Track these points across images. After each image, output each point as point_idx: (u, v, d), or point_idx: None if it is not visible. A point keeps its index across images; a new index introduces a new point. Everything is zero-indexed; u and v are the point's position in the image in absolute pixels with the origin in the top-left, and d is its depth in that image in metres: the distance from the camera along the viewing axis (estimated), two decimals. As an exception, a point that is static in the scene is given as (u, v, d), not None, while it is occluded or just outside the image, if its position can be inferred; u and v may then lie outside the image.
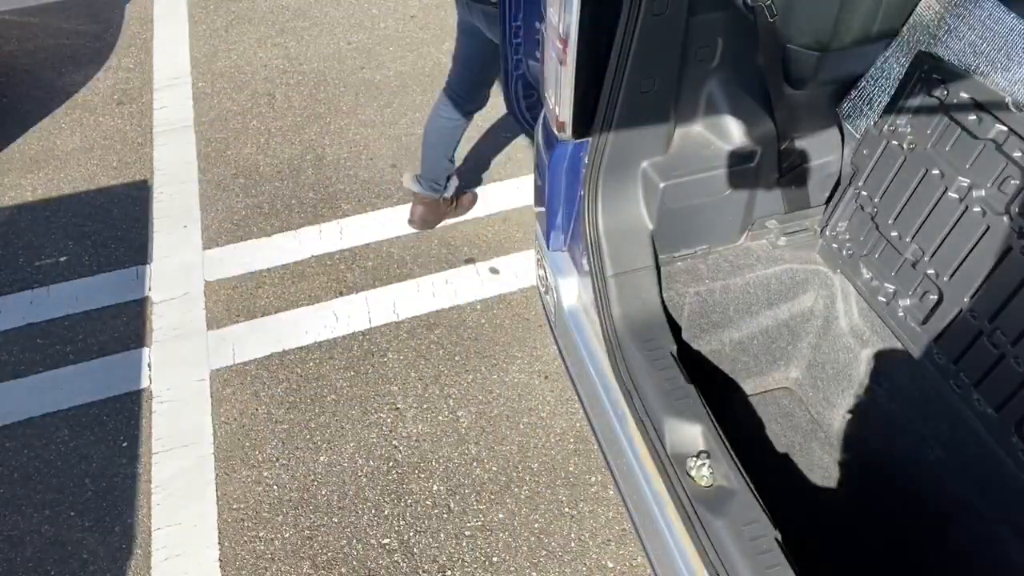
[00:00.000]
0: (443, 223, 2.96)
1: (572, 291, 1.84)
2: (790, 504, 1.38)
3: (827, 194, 1.85)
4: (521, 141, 3.31)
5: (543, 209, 1.87)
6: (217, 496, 2.18)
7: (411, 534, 2.08)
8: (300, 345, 2.55)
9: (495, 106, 3.47)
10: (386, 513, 2.13)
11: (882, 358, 1.68)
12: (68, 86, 3.67)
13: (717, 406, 1.48)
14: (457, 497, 2.15)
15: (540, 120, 1.86)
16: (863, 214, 1.71)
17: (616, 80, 1.54)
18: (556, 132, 1.70)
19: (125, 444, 2.30)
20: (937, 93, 1.52)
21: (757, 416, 1.99)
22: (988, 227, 1.42)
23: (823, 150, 1.80)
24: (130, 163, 3.27)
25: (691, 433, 1.42)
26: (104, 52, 3.89)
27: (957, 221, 1.49)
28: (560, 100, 1.60)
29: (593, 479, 2.21)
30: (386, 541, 2.07)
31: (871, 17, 1.60)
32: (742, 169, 1.70)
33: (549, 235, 1.87)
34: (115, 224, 3.00)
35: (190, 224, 2.99)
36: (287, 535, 2.10)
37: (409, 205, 2.93)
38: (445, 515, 2.12)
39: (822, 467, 1.88)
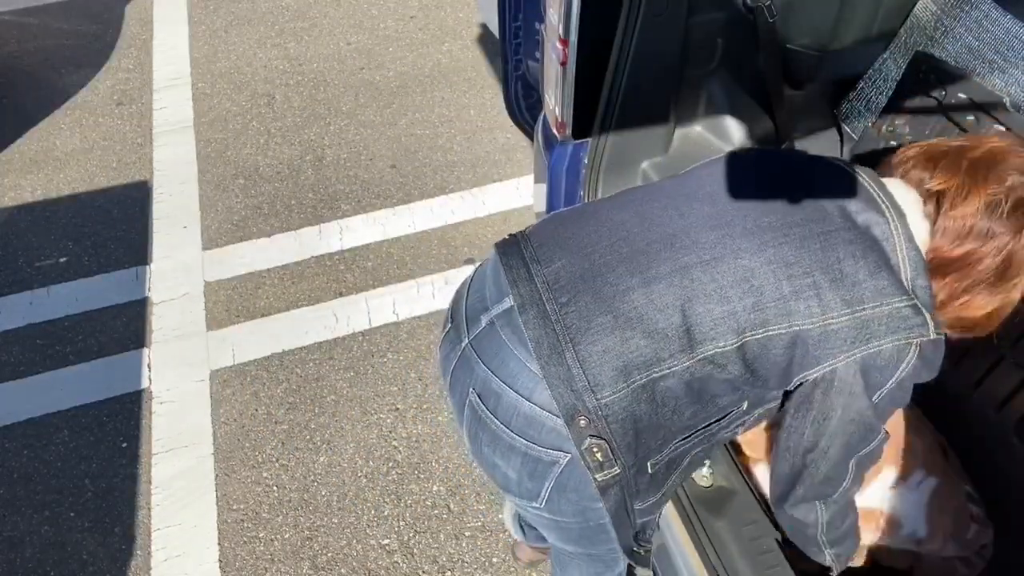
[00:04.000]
0: (443, 223, 2.96)
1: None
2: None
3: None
4: (521, 141, 3.31)
5: (543, 210, 1.87)
6: (217, 497, 2.18)
7: (411, 534, 2.08)
8: (300, 346, 2.55)
9: (495, 106, 3.48)
10: (386, 513, 2.13)
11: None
12: (68, 86, 3.67)
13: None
14: (457, 498, 2.16)
15: (540, 120, 1.86)
16: (862, 214, 1.71)
17: (616, 80, 1.54)
18: (556, 132, 1.70)
19: (125, 445, 2.30)
20: (934, 94, 1.52)
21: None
22: (987, 227, 1.43)
23: (822, 150, 1.80)
24: (130, 163, 3.27)
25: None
26: (104, 52, 3.89)
27: (956, 221, 1.49)
28: (560, 100, 1.61)
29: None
30: (386, 541, 2.08)
31: (870, 18, 1.60)
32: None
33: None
34: (115, 224, 3.00)
35: (190, 224, 2.99)
36: (287, 536, 2.10)
37: (408, 205, 2.91)
38: (445, 516, 2.12)
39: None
